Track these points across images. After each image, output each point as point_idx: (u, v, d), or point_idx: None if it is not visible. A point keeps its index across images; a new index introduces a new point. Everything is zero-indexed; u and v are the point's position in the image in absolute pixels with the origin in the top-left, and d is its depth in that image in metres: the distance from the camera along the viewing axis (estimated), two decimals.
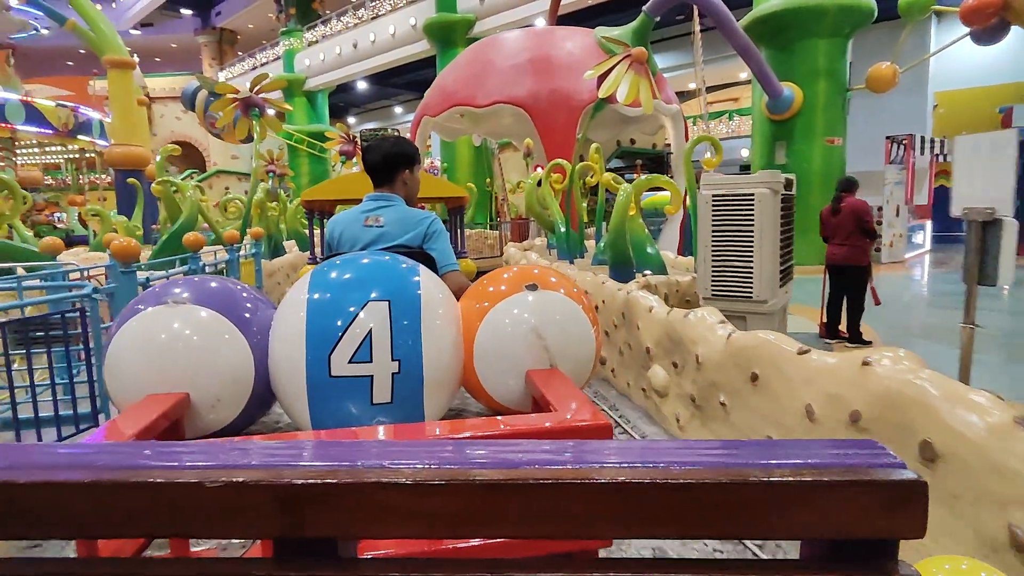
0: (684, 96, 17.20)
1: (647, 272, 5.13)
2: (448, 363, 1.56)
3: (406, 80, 27.49)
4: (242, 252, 6.89)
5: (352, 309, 1.44)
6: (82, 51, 32.34)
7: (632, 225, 5.05)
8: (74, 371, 2.95)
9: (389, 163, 2.15)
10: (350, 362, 1.42)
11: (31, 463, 0.56)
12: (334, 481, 0.53)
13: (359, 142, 11.25)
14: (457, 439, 1.20)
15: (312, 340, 1.44)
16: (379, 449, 0.59)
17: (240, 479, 0.52)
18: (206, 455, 0.57)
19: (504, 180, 17.64)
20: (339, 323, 1.43)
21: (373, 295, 1.47)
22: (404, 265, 1.64)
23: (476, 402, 1.84)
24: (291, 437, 1.23)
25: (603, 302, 4.02)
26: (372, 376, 1.42)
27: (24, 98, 11.62)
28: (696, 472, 0.53)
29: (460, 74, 11.03)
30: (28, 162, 16.94)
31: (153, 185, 6.72)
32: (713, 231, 3.72)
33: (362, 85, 27.18)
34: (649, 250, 5.39)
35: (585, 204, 14.43)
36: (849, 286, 4.84)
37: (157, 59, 34.37)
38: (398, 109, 33.58)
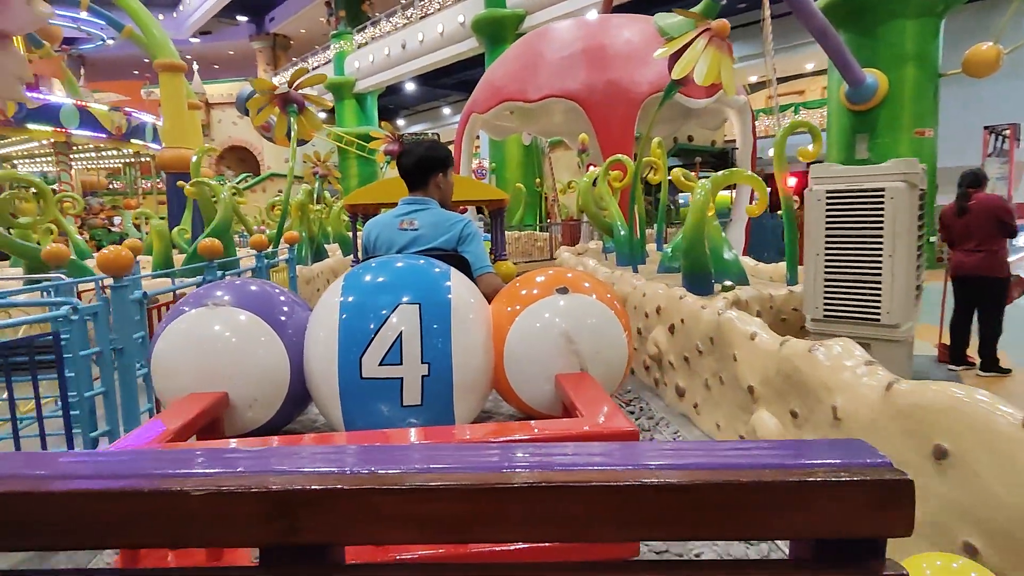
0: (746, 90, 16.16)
1: (728, 283, 4.40)
2: (478, 366, 1.55)
3: (455, 80, 27.21)
4: (280, 256, 6.51)
5: (383, 312, 1.46)
6: (146, 59, 33.57)
7: (709, 228, 4.33)
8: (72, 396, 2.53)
9: (422, 167, 2.17)
10: (381, 364, 1.43)
11: (10, 474, 0.56)
12: (323, 487, 0.52)
13: (403, 141, 10.94)
14: (456, 443, 1.15)
15: (344, 342, 1.47)
16: (369, 454, 0.59)
17: (227, 487, 0.52)
18: (192, 462, 0.57)
19: (555, 180, 17.00)
20: (370, 326, 1.45)
21: (404, 298, 1.48)
22: (436, 269, 1.63)
23: (508, 405, 1.81)
24: (325, 437, 1.28)
25: (682, 321, 3.33)
26: (402, 378, 1.43)
27: (78, 102, 11.74)
28: (690, 474, 0.53)
29: (509, 68, 10.44)
30: (90, 166, 17.39)
31: (187, 187, 6.41)
32: (827, 237, 2.99)
33: (411, 87, 27.03)
34: (727, 256, 4.64)
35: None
36: (983, 301, 3.97)
37: (216, 66, 35.36)
38: (446, 110, 33.38)
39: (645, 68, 9.32)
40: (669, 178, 6.19)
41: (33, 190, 5.48)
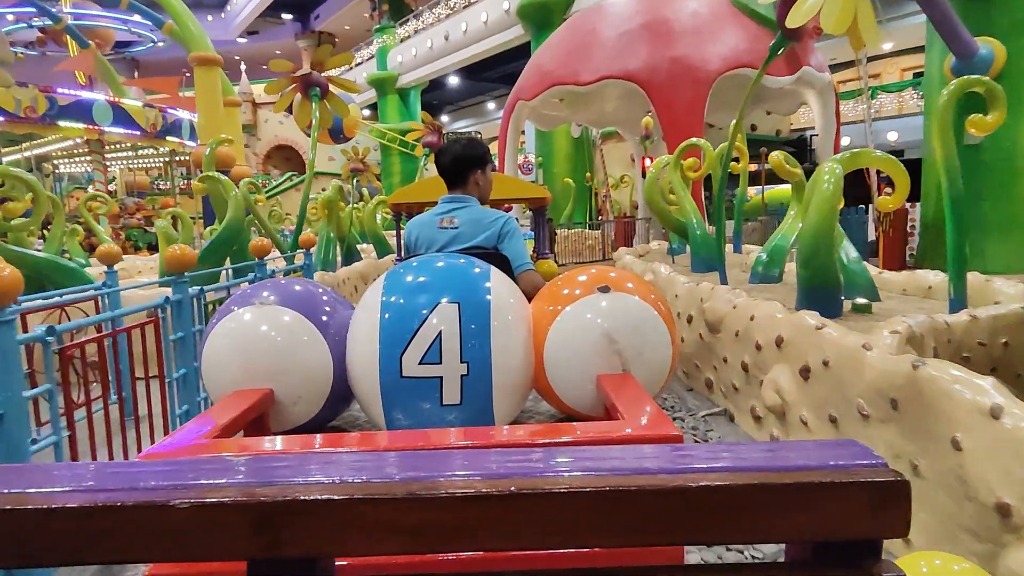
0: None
1: (861, 300, 3.31)
2: (517, 366, 1.53)
3: (499, 74, 26.29)
4: (298, 261, 5.73)
5: (423, 311, 1.46)
6: None
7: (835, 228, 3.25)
8: None
9: (460, 165, 2.19)
10: (420, 363, 1.44)
11: None
12: (308, 498, 0.52)
13: (443, 133, 10.10)
14: (452, 449, 1.12)
15: (385, 341, 1.47)
16: (362, 462, 0.59)
17: (210, 499, 0.52)
18: (174, 474, 0.57)
19: (607, 174, 15.82)
20: (410, 324, 1.46)
21: (443, 298, 1.48)
22: (476, 268, 1.63)
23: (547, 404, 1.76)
24: (366, 437, 1.25)
25: (825, 364, 2.29)
26: (441, 377, 1.44)
27: (111, 99, 11.38)
28: (684, 478, 0.53)
29: (559, 50, 9.42)
30: (132, 166, 17.29)
31: (194, 181, 5.72)
32: None
33: (454, 80, 26.20)
34: (850, 261, 3.55)
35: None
36: None
37: (264, 66, 35.38)
38: (491, 105, 32.46)
39: (715, 43, 8.17)
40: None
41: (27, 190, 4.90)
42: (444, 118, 33.98)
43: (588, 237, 12.49)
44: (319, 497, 0.51)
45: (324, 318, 1.67)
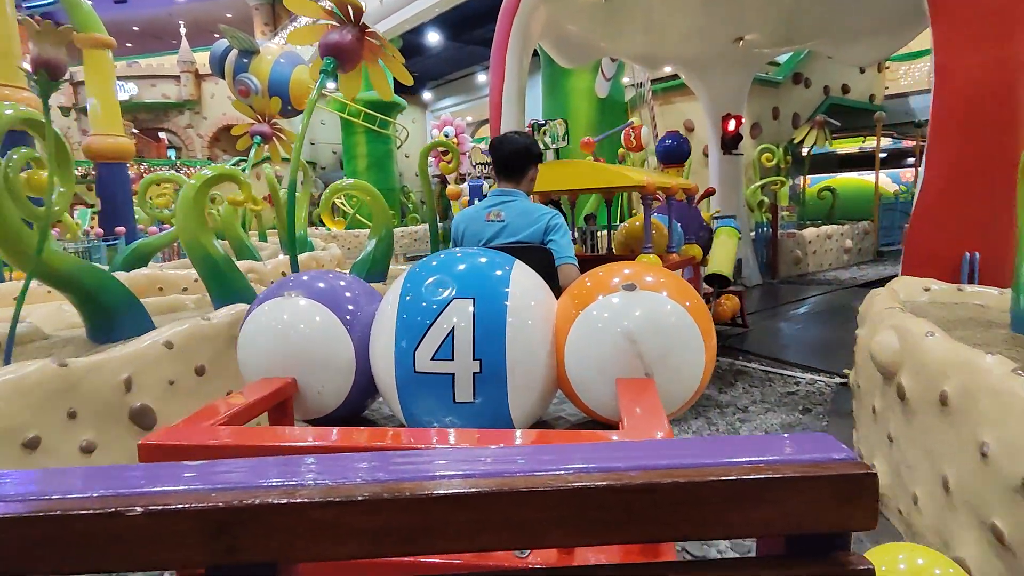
0: None
1: None
2: (536, 365, 1.50)
3: (490, 33, 21.97)
4: None
5: (436, 306, 1.46)
6: (135, 27, 29.51)
7: None
8: None
9: (521, 159, 2.21)
10: (433, 359, 1.43)
11: None
12: (263, 501, 0.51)
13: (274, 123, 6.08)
14: (413, 450, 1.12)
15: (400, 335, 1.48)
16: (319, 464, 0.58)
17: (163, 506, 0.51)
18: (126, 480, 0.55)
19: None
20: (424, 320, 1.46)
21: (459, 293, 1.47)
22: (496, 262, 1.60)
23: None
24: (378, 433, 1.28)
25: None
26: (453, 374, 1.43)
27: None
28: (654, 474, 0.53)
29: None
30: None
31: None
32: None
33: (435, 40, 21.74)
34: None
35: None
36: None
37: (216, 35, 30.72)
38: (481, 78, 27.72)
39: None
40: None
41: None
42: (427, 95, 29.25)
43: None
44: (277, 500, 0.51)
45: (349, 309, 1.70)
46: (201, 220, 3.50)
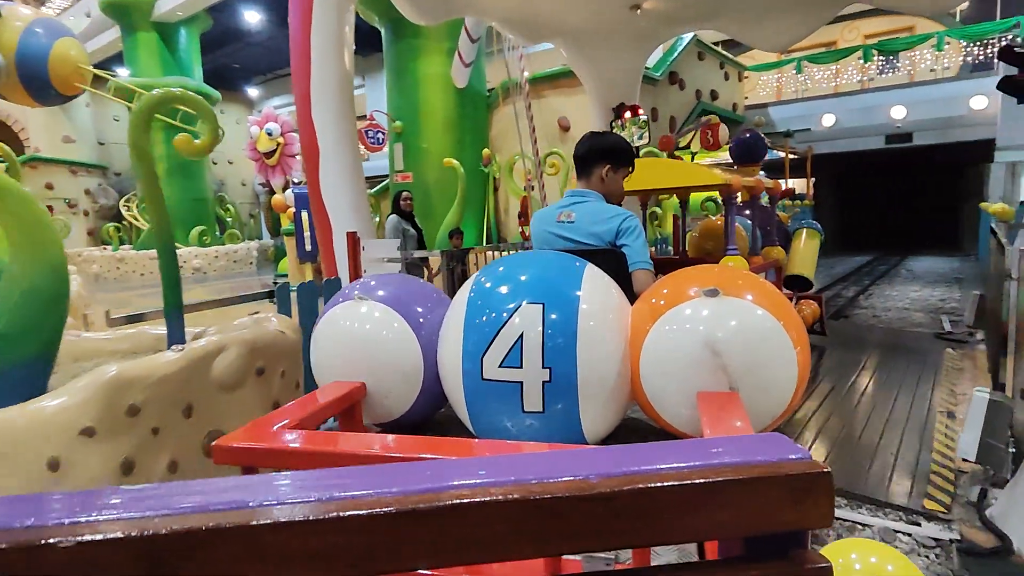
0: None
1: None
2: (609, 374, 1.44)
3: None
4: None
5: (505, 312, 1.42)
6: None
7: None
8: None
9: (590, 156, 2.15)
10: (500, 366, 1.40)
11: None
12: (200, 526, 0.47)
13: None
14: (363, 467, 0.91)
15: (468, 341, 1.45)
16: (265, 484, 0.55)
17: (92, 536, 0.46)
18: (52, 509, 0.50)
19: (536, 146, 8.99)
20: (492, 326, 1.43)
21: (528, 298, 1.43)
22: (568, 266, 1.56)
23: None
24: (443, 441, 1.24)
25: None
26: (522, 382, 1.39)
27: None
28: (605, 482, 0.52)
29: None
30: None
31: None
32: None
33: (254, 21, 18.14)
34: None
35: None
36: None
37: None
38: None
39: None
40: None
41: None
42: (252, 92, 25.02)
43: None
44: (220, 524, 0.47)
45: (419, 314, 1.68)
46: None
